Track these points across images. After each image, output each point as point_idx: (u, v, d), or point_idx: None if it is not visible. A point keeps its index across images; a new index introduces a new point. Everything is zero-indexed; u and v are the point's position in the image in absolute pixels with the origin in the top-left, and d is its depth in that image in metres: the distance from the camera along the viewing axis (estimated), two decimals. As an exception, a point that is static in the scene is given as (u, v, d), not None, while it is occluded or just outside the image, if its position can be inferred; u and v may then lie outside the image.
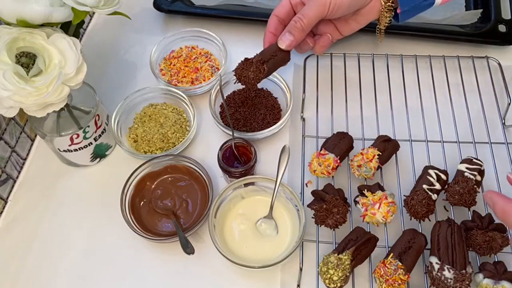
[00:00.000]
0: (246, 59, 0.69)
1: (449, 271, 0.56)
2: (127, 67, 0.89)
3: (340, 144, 0.70)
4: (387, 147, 0.69)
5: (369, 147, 0.69)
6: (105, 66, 0.89)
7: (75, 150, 0.72)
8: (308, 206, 0.65)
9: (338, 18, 0.72)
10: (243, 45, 0.90)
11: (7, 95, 0.56)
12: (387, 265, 0.58)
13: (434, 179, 0.65)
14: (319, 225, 0.65)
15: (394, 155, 0.71)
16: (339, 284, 0.57)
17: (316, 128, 0.75)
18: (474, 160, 0.67)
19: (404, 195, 0.66)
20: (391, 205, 0.62)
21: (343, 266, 0.57)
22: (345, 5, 0.67)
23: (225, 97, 0.80)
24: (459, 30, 0.87)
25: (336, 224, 0.63)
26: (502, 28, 0.85)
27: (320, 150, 0.70)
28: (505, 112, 0.76)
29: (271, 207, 0.66)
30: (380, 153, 0.68)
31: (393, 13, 0.70)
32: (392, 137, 0.73)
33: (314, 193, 0.66)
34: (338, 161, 0.68)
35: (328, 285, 0.58)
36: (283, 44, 0.68)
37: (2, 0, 0.56)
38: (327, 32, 0.75)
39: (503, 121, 0.76)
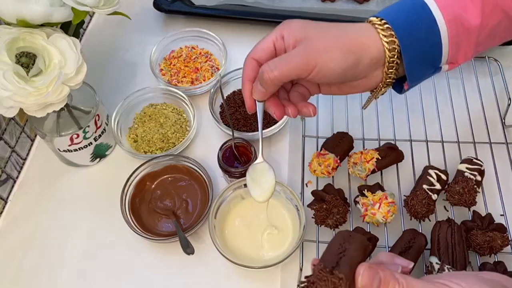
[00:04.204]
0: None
1: (449, 271, 0.56)
2: (127, 67, 0.89)
3: (340, 144, 0.70)
4: (389, 154, 0.69)
5: (371, 149, 0.69)
6: (105, 66, 0.89)
7: (75, 150, 0.72)
8: (308, 206, 0.65)
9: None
10: (243, 45, 0.89)
11: (7, 95, 0.56)
12: (387, 265, 0.58)
13: (434, 179, 0.65)
14: (319, 225, 0.65)
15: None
16: (339, 284, 0.57)
17: (316, 128, 0.75)
18: (474, 160, 0.67)
19: (404, 195, 0.66)
20: (391, 205, 0.62)
21: (343, 266, 0.57)
22: (333, 75, 0.51)
23: (225, 97, 0.80)
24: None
25: (336, 224, 0.63)
26: (502, 28, 0.85)
27: (320, 150, 0.70)
28: (505, 112, 0.76)
29: (261, 150, 0.60)
30: (380, 158, 0.68)
31: (391, 86, 0.56)
32: (392, 137, 0.73)
33: (314, 193, 0.66)
34: (338, 161, 0.68)
35: (328, 285, 0.58)
36: (256, 95, 0.54)
37: (2, 0, 0.56)
38: (303, 84, 0.58)
39: (503, 121, 0.76)
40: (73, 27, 0.64)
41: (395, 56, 0.50)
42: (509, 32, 0.54)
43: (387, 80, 0.53)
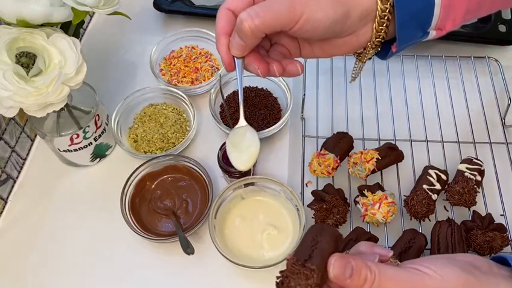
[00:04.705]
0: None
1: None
2: (127, 67, 0.89)
3: (340, 144, 0.70)
4: (389, 154, 0.69)
5: (371, 149, 0.69)
6: (105, 66, 0.89)
7: (75, 150, 0.72)
8: (308, 206, 0.65)
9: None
10: (243, 45, 0.90)
11: (7, 95, 0.56)
12: (387, 265, 0.57)
13: (434, 179, 0.65)
14: (319, 225, 0.65)
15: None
16: (339, 284, 0.57)
17: (316, 128, 0.75)
18: (474, 160, 0.67)
19: (404, 195, 0.66)
20: (391, 205, 0.62)
21: (343, 266, 0.57)
22: (321, 27, 0.45)
23: (225, 97, 0.80)
24: (459, 30, 0.86)
25: (336, 224, 0.63)
26: (502, 28, 0.85)
27: (320, 150, 0.70)
28: (505, 112, 0.76)
29: (242, 114, 0.56)
30: (380, 158, 0.68)
31: (379, 49, 0.51)
32: (392, 137, 0.74)
33: (314, 193, 0.66)
34: (338, 161, 0.68)
35: (328, 285, 0.58)
36: (234, 51, 0.48)
37: (3, 0, 0.56)
38: (283, 44, 0.52)
39: (503, 121, 0.76)
40: (73, 27, 0.64)
41: (387, 11, 0.46)
42: (495, 3, 0.52)
43: (376, 40, 0.49)
